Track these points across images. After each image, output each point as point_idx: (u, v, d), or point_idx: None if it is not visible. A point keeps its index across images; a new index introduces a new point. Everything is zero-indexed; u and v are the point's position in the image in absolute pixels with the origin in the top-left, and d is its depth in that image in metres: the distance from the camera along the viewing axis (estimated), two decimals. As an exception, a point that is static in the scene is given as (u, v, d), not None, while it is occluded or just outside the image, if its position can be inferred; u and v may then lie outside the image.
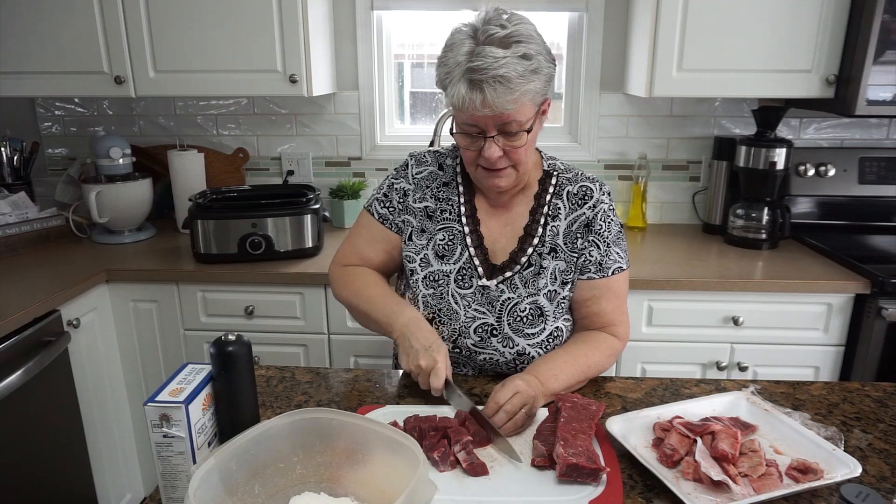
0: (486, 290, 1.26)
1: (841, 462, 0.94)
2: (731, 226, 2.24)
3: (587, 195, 1.28)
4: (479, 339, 1.25)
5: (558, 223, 1.27)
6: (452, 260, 1.28)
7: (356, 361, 2.04)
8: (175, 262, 2.01)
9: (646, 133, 2.42)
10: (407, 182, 1.33)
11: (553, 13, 2.37)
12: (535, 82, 1.11)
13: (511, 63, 1.08)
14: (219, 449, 0.82)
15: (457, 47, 1.12)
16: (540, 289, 1.24)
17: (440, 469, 0.96)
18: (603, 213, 1.27)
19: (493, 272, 1.27)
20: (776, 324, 1.89)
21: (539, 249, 1.26)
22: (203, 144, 2.49)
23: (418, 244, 1.30)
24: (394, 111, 2.56)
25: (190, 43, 2.04)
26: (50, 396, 1.74)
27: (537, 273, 1.25)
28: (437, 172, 1.33)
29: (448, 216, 1.30)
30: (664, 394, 1.21)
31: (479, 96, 1.09)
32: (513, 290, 1.25)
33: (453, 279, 1.27)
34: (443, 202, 1.31)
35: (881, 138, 2.37)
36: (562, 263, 1.26)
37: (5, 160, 2.32)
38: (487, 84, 1.08)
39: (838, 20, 1.92)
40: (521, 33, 1.12)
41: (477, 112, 1.11)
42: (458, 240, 1.29)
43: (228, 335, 0.95)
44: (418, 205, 1.32)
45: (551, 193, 1.29)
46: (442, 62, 1.15)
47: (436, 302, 1.26)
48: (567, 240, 1.27)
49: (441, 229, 1.30)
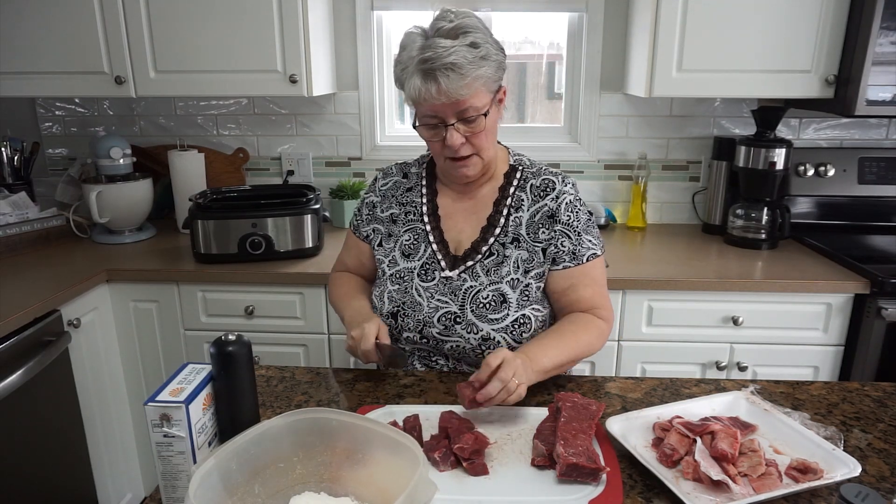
0: (448, 280, 1.31)
1: (840, 462, 0.94)
2: (730, 226, 2.24)
3: (549, 187, 1.33)
4: (444, 328, 1.28)
5: (521, 214, 1.32)
6: (416, 257, 1.35)
7: (356, 361, 2.04)
8: (175, 262, 2.01)
9: (645, 133, 2.42)
10: (375, 195, 1.44)
11: (553, 13, 2.37)
12: (485, 68, 1.18)
13: (460, 51, 1.15)
14: (219, 449, 0.82)
15: (410, 45, 1.20)
16: (503, 277, 1.28)
17: (440, 469, 0.96)
18: (568, 204, 1.31)
19: (454, 263, 1.32)
20: (776, 324, 1.89)
21: (501, 239, 1.31)
22: (203, 144, 2.49)
23: (387, 248, 1.39)
24: (394, 111, 2.56)
25: (190, 43, 2.05)
26: (50, 396, 1.74)
27: (500, 262, 1.30)
28: (402, 181, 1.43)
29: (412, 217, 1.38)
30: (664, 394, 1.21)
31: (434, 86, 1.16)
32: (475, 278, 1.29)
33: (416, 274, 1.33)
34: (406, 206, 1.40)
35: (881, 138, 2.38)
36: (524, 253, 1.30)
37: (6, 160, 2.32)
38: (440, 72, 1.15)
39: (838, 20, 1.92)
40: (468, 24, 1.19)
41: (434, 101, 1.18)
42: (421, 238, 1.36)
43: (228, 335, 0.95)
44: (384, 213, 1.42)
45: (515, 186, 1.35)
46: (397, 61, 1.23)
47: (400, 296, 1.32)
48: (529, 230, 1.31)
49: (406, 230, 1.38)
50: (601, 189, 2.48)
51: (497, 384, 1.05)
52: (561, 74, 2.49)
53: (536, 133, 2.52)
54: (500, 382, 1.05)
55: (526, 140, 2.49)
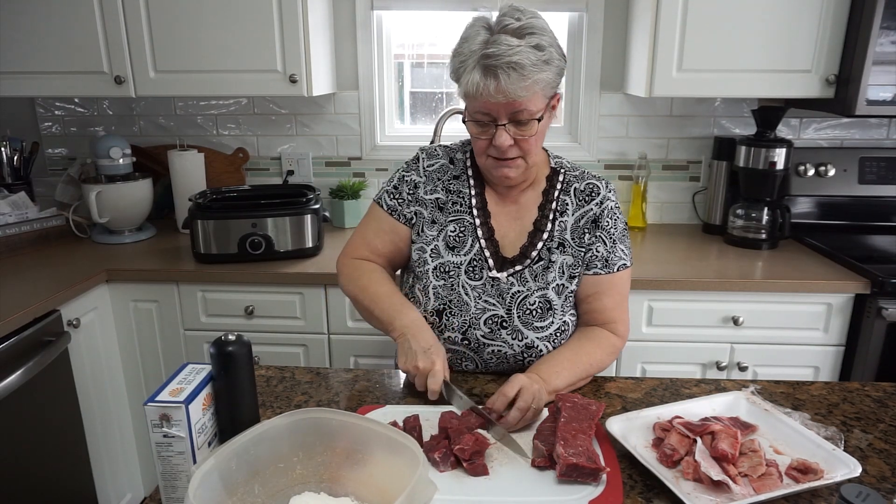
0: (496, 282, 1.27)
1: (841, 462, 0.94)
2: (731, 226, 2.24)
3: (594, 192, 1.31)
4: (489, 331, 1.26)
5: (566, 219, 1.30)
6: (463, 251, 1.29)
7: (356, 361, 2.05)
8: (175, 262, 2.01)
9: (646, 133, 2.42)
10: (418, 175, 1.35)
11: (553, 13, 2.37)
12: (546, 73, 1.15)
13: (525, 51, 1.12)
14: (219, 449, 0.82)
15: (472, 38, 1.16)
16: (549, 283, 1.26)
17: (440, 469, 0.96)
18: (609, 210, 1.29)
19: (503, 265, 1.28)
20: (776, 324, 1.89)
21: (548, 244, 1.29)
22: (203, 144, 2.49)
23: (429, 235, 1.31)
24: (394, 111, 2.56)
25: (190, 43, 2.04)
26: (50, 396, 1.74)
27: (546, 267, 1.27)
28: (448, 165, 1.35)
29: (459, 208, 1.32)
30: (664, 394, 1.21)
31: (493, 83, 1.12)
32: (522, 283, 1.27)
33: (464, 270, 1.28)
34: (454, 194, 1.33)
35: (881, 138, 2.37)
36: (569, 258, 1.28)
37: (5, 160, 2.32)
38: (502, 70, 1.11)
39: (838, 20, 1.92)
40: (535, 26, 1.16)
41: (490, 98, 1.14)
42: (469, 231, 1.30)
43: (228, 335, 0.95)
44: (429, 196, 1.33)
45: (559, 189, 1.32)
46: (457, 53, 1.19)
47: (446, 293, 1.27)
48: (574, 235, 1.29)
49: (452, 221, 1.31)
50: (601, 189, 2.48)
51: (517, 414, 1.05)
52: (561, 74, 2.49)
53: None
54: (519, 413, 1.05)
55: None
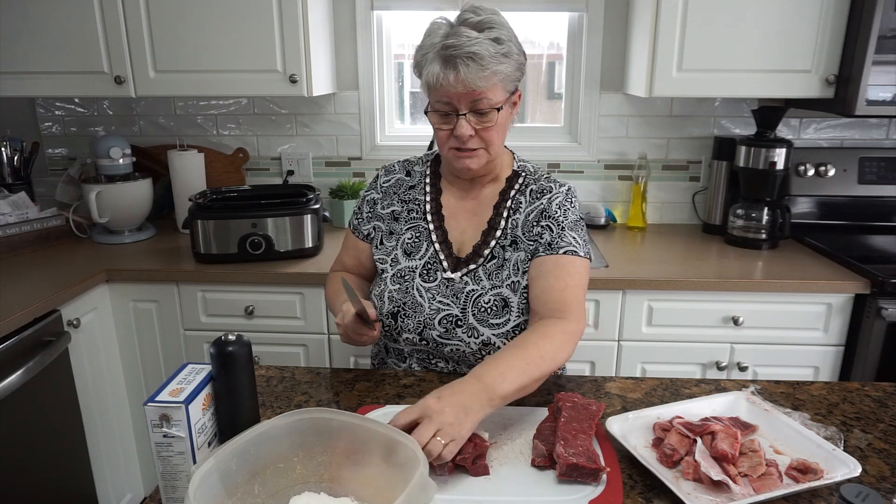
0: (450, 282, 1.30)
1: (841, 462, 0.94)
2: (730, 226, 2.24)
3: (546, 190, 1.33)
4: (444, 331, 1.28)
5: (518, 216, 1.32)
6: (418, 256, 1.34)
7: (356, 361, 2.04)
8: (175, 262, 2.01)
9: (645, 133, 2.42)
10: (376, 192, 1.43)
11: (553, 13, 2.37)
12: (505, 65, 1.19)
13: (484, 43, 1.16)
14: (219, 449, 0.82)
15: (433, 33, 1.21)
16: (503, 280, 1.28)
17: (438, 473, 0.95)
18: (559, 203, 1.30)
19: (457, 265, 1.31)
20: (776, 324, 1.89)
21: (501, 242, 1.31)
22: (203, 144, 2.49)
23: (388, 246, 1.38)
24: (394, 111, 2.56)
25: (190, 43, 2.04)
26: (50, 396, 1.74)
27: (500, 265, 1.29)
28: (405, 178, 1.42)
29: (415, 215, 1.37)
30: (664, 394, 1.21)
31: (452, 73, 1.16)
32: (476, 282, 1.29)
33: (418, 273, 1.32)
34: (409, 203, 1.39)
35: (881, 138, 2.37)
36: (522, 254, 1.29)
37: (5, 160, 2.32)
38: (461, 60, 1.15)
39: (838, 20, 1.92)
40: (495, 21, 1.20)
41: (450, 88, 1.18)
42: (423, 236, 1.35)
43: (228, 335, 0.95)
44: (385, 211, 1.40)
45: (516, 190, 1.35)
46: (419, 47, 1.23)
47: (400, 296, 1.31)
48: (525, 230, 1.31)
49: (408, 228, 1.37)
50: (601, 189, 2.48)
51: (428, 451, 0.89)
52: (561, 74, 2.49)
53: (536, 133, 2.52)
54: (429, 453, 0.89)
55: (526, 140, 2.49)
